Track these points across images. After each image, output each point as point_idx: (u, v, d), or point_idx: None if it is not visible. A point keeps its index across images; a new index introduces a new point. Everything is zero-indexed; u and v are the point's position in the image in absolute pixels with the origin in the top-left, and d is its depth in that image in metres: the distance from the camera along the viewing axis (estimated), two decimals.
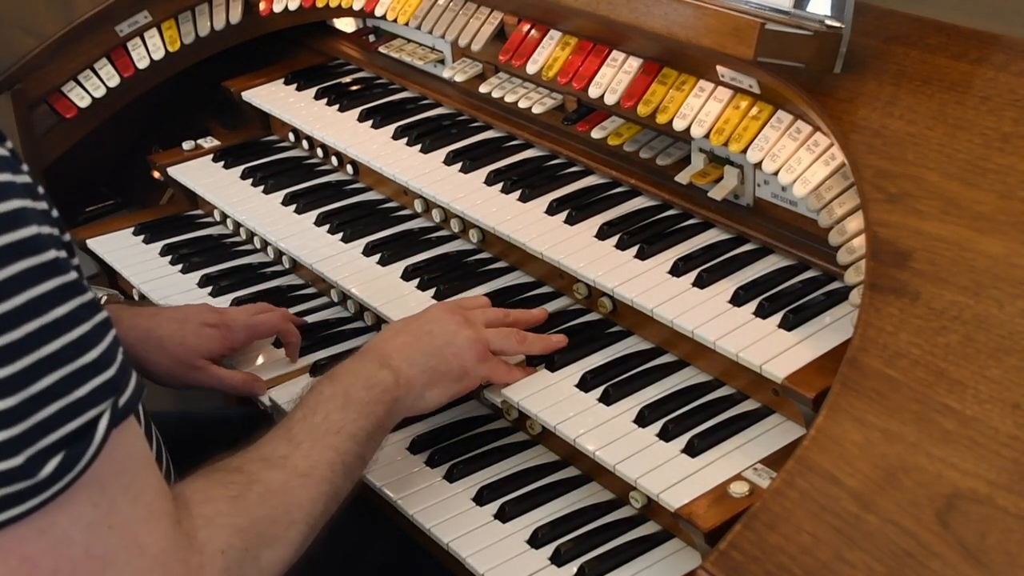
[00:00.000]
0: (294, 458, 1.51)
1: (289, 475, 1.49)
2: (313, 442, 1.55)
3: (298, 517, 1.47)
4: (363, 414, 1.61)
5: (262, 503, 1.44)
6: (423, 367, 1.72)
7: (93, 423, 1.18)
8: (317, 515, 1.50)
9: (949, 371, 1.40)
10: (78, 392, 1.17)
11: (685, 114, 1.90)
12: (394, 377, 1.68)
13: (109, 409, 1.20)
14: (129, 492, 1.25)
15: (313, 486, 1.50)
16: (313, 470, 1.51)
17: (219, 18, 2.70)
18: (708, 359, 1.80)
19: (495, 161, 2.23)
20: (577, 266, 1.92)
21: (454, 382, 1.77)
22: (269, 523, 1.43)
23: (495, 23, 2.24)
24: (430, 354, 1.74)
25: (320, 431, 1.56)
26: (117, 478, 1.23)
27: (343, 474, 1.55)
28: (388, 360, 1.70)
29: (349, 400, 1.62)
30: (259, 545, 1.41)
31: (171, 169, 2.58)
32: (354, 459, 1.58)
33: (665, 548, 1.68)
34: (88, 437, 1.18)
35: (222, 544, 1.36)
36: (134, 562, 1.24)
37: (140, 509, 1.26)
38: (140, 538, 1.25)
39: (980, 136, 1.59)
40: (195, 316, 2.02)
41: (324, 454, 1.54)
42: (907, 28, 1.77)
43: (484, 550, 1.68)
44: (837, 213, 1.69)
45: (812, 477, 1.39)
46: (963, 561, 1.26)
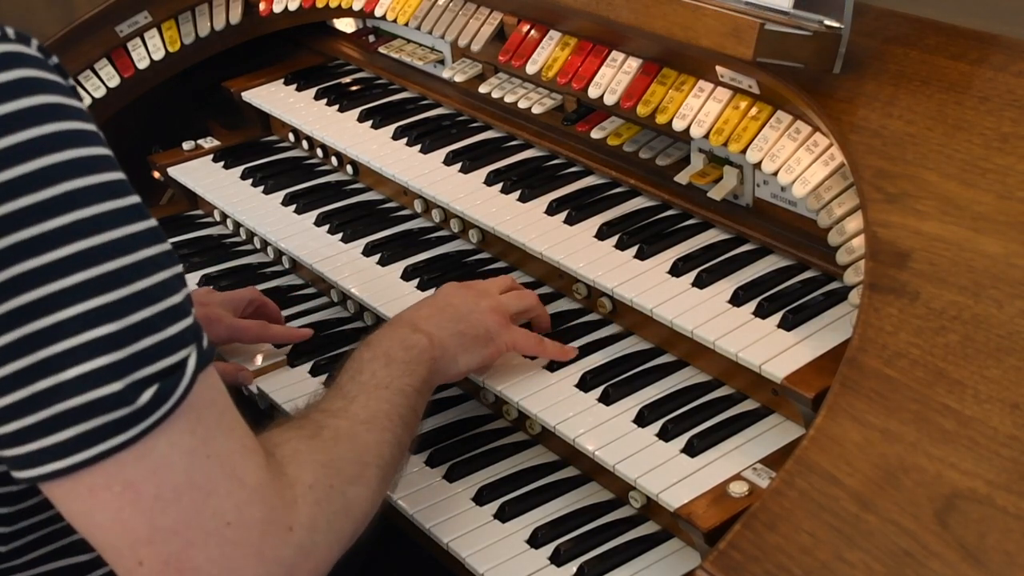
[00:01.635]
0: (352, 409, 1.54)
1: (352, 422, 1.52)
2: (367, 396, 1.58)
3: (370, 460, 1.49)
4: (407, 371, 1.65)
5: (336, 443, 1.46)
6: (452, 331, 1.76)
7: (183, 362, 1.22)
8: (386, 459, 1.52)
9: (948, 371, 1.40)
10: (170, 330, 1.21)
11: (684, 114, 1.90)
12: (428, 340, 1.72)
13: (195, 351, 1.24)
14: (223, 425, 1.28)
15: (377, 431, 1.53)
16: (373, 418, 1.54)
17: (219, 18, 2.70)
18: (707, 359, 1.80)
19: (495, 161, 2.23)
20: (577, 266, 1.93)
21: (482, 346, 1.80)
22: (347, 462, 1.45)
23: (495, 23, 2.24)
24: (456, 320, 1.78)
25: (370, 386, 1.60)
26: (211, 412, 1.26)
27: (400, 424, 1.58)
28: (419, 326, 1.74)
29: (391, 360, 1.65)
30: (343, 481, 1.42)
31: (171, 169, 2.58)
32: (407, 411, 1.61)
33: (664, 548, 1.68)
34: (179, 373, 1.22)
35: (310, 479, 1.37)
36: (235, 493, 1.25)
37: (235, 442, 1.28)
38: (238, 470, 1.26)
39: (979, 136, 1.59)
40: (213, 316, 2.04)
41: (379, 405, 1.57)
42: (906, 28, 1.77)
43: (484, 550, 1.69)
44: (836, 213, 1.69)
45: (811, 477, 1.39)
46: (962, 561, 1.26)
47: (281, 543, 1.29)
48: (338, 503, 1.39)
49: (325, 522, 1.36)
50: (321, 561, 1.35)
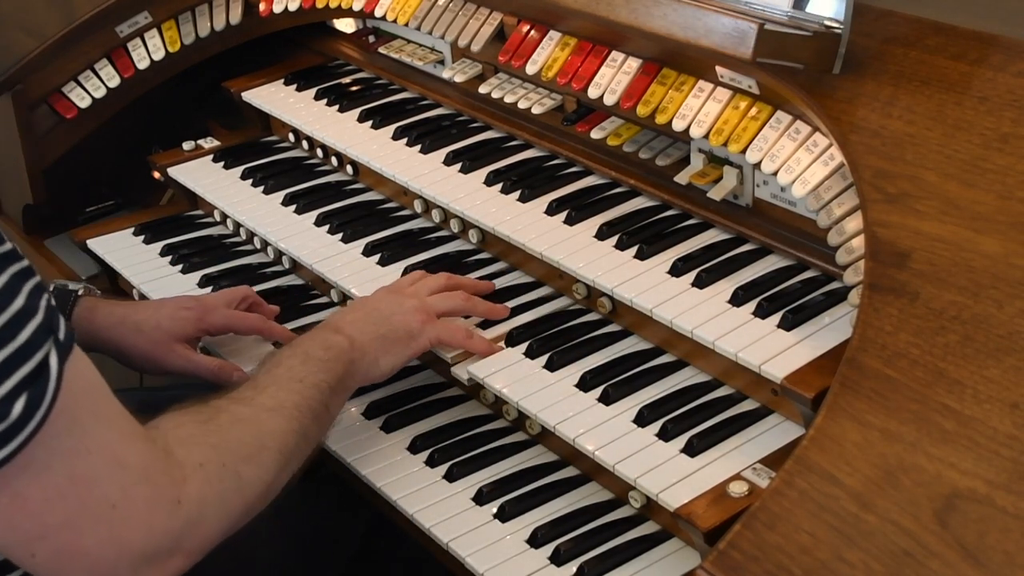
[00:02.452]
0: (260, 398, 1.60)
1: (256, 409, 1.58)
2: (278, 387, 1.63)
3: (270, 443, 1.54)
4: (323, 369, 1.70)
5: (232, 426, 1.52)
6: (374, 335, 1.82)
7: (44, 362, 1.25)
8: (289, 448, 1.57)
9: (948, 371, 1.40)
10: (21, 336, 1.23)
11: (684, 114, 1.90)
12: (348, 342, 1.77)
13: (53, 346, 1.26)
14: (99, 417, 1.33)
15: (281, 419, 1.58)
16: (280, 407, 1.60)
17: (219, 19, 2.70)
18: (707, 359, 1.80)
19: (495, 161, 2.23)
20: (576, 266, 1.93)
21: (404, 347, 1.86)
22: (241, 443, 1.51)
23: (495, 24, 2.24)
24: (379, 323, 1.85)
25: (284, 379, 1.65)
26: (84, 406, 1.31)
27: (310, 417, 1.63)
28: (341, 329, 1.81)
29: (309, 357, 1.71)
30: (236, 461, 1.48)
31: (171, 169, 2.58)
32: (319, 406, 1.66)
33: (664, 548, 1.68)
34: (44, 374, 1.24)
35: (199, 458, 1.43)
36: (118, 477, 1.32)
37: (113, 430, 1.34)
38: (120, 456, 1.33)
39: (979, 136, 1.59)
40: (172, 302, 2.06)
41: (289, 396, 1.63)
42: (906, 29, 1.77)
43: (483, 549, 1.69)
44: (836, 213, 1.69)
45: (811, 477, 1.39)
46: (962, 561, 1.26)
47: (169, 516, 1.37)
48: (230, 481, 1.46)
49: (216, 497, 1.43)
50: (210, 532, 1.43)
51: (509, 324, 1.96)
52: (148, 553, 1.35)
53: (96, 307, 2.00)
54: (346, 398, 1.78)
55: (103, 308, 2.00)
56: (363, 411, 1.97)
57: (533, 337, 1.91)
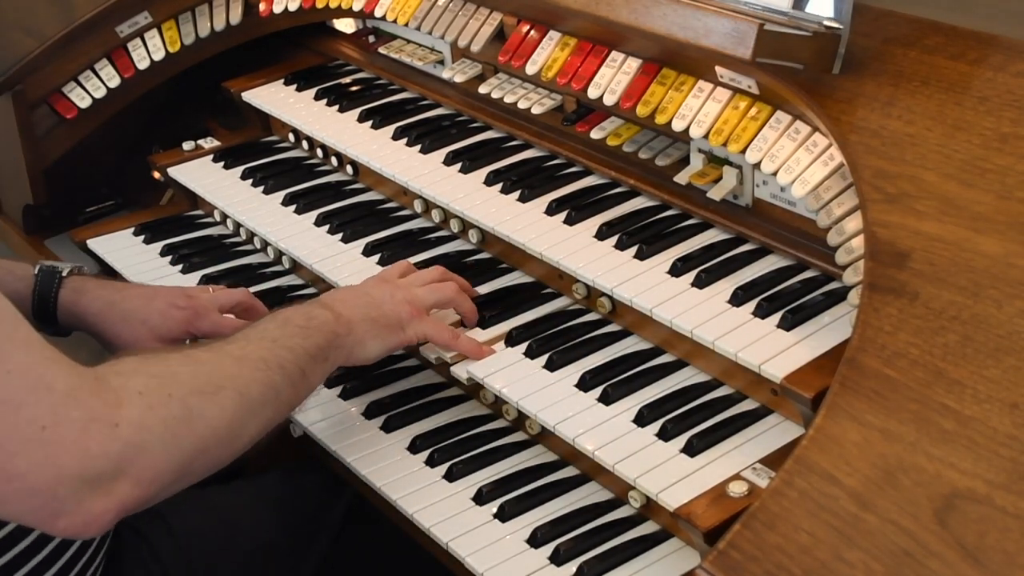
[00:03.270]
0: (226, 347, 1.60)
1: (219, 354, 1.57)
2: (247, 341, 1.63)
3: (228, 384, 1.52)
4: (300, 334, 1.69)
5: (183, 363, 1.51)
6: (363, 316, 1.82)
7: None
8: (254, 396, 1.55)
9: (948, 371, 1.40)
10: None
11: (684, 114, 1.90)
12: (334, 316, 1.77)
13: None
14: (16, 339, 1.33)
15: (246, 368, 1.57)
16: (246, 358, 1.59)
17: (219, 19, 2.70)
18: (707, 359, 1.80)
19: (495, 161, 2.23)
20: (576, 266, 1.93)
21: (391, 334, 1.85)
22: (192, 377, 1.49)
23: (494, 24, 2.24)
24: (369, 306, 1.85)
25: (255, 337, 1.65)
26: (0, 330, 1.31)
27: (280, 374, 1.61)
28: (328, 304, 1.80)
29: (287, 323, 1.70)
30: (185, 392, 1.46)
31: (171, 169, 2.58)
32: (292, 367, 1.64)
33: (664, 548, 1.68)
34: None
35: (138, 386, 1.41)
36: (45, 399, 1.32)
37: (34, 353, 1.34)
38: (45, 378, 1.33)
39: (978, 136, 1.59)
40: (165, 296, 2.03)
41: (258, 351, 1.61)
42: (905, 29, 1.77)
43: (483, 549, 1.69)
44: (836, 213, 1.69)
45: (811, 477, 1.39)
46: (962, 560, 1.26)
47: (107, 438, 1.35)
48: (177, 410, 1.44)
49: (160, 424, 1.41)
50: (158, 461, 1.40)
51: (509, 324, 1.96)
52: (87, 476, 1.34)
53: (84, 290, 1.97)
54: (327, 370, 1.76)
55: (91, 292, 1.98)
56: (363, 411, 1.97)
57: (533, 337, 1.92)
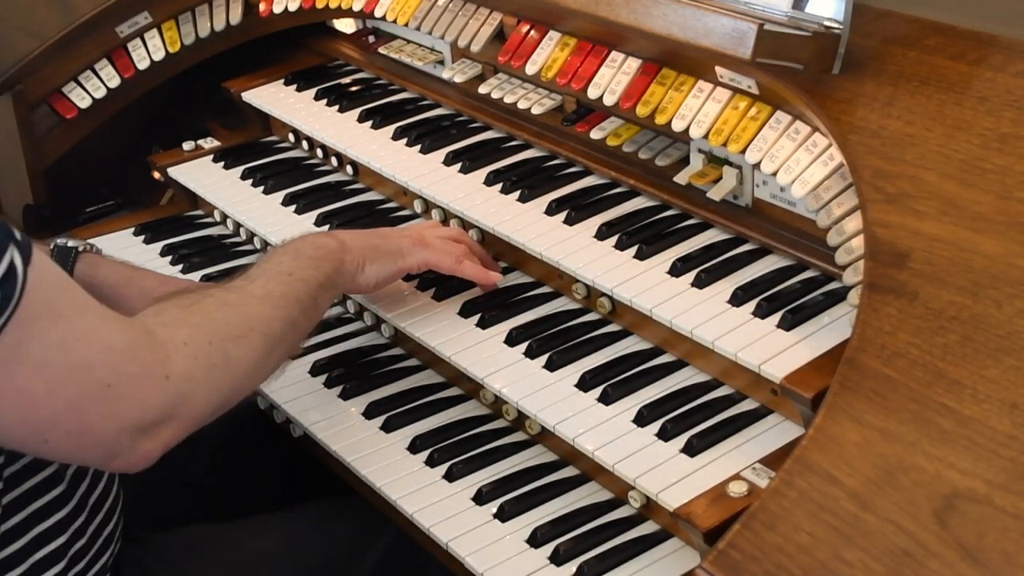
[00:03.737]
0: (249, 287, 1.69)
1: (245, 296, 1.67)
2: (267, 278, 1.72)
3: (256, 326, 1.63)
4: (312, 266, 1.79)
5: (217, 308, 1.61)
6: (364, 244, 1.92)
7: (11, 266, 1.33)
8: (276, 333, 1.66)
9: (947, 371, 1.41)
10: None
11: (684, 115, 1.90)
12: (339, 244, 1.87)
13: (13, 247, 1.34)
14: (77, 307, 1.42)
15: (269, 306, 1.67)
16: (268, 296, 1.68)
17: (219, 19, 2.70)
18: (707, 359, 1.80)
19: (494, 161, 2.23)
20: (576, 266, 1.93)
21: (391, 261, 1.95)
22: (228, 323, 1.59)
23: (494, 24, 2.24)
24: (372, 235, 1.97)
25: (273, 272, 1.74)
26: (62, 298, 1.40)
27: (297, 307, 1.71)
28: (335, 234, 1.92)
29: (299, 254, 1.80)
30: (222, 339, 1.57)
31: (171, 170, 2.58)
32: (306, 298, 1.75)
33: (664, 547, 1.68)
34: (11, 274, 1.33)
35: (183, 337, 1.52)
36: (108, 359, 1.42)
37: (92, 316, 1.43)
38: (105, 338, 1.43)
39: (978, 137, 1.59)
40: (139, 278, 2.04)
41: (278, 287, 1.71)
42: (905, 29, 1.77)
43: (483, 549, 1.69)
44: (836, 213, 1.69)
45: (811, 477, 1.39)
46: (961, 560, 1.26)
47: (159, 390, 1.47)
48: (217, 357, 1.55)
49: (203, 372, 1.52)
50: (201, 404, 1.53)
51: (509, 324, 1.96)
52: (143, 425, 1.46)
53: (100, 264, 2.01)
54: (333, 296, 1.87)
55: (107, 266, 2.01)
56: (363, 411, 1.97)
57: (533, 337, 1.92)
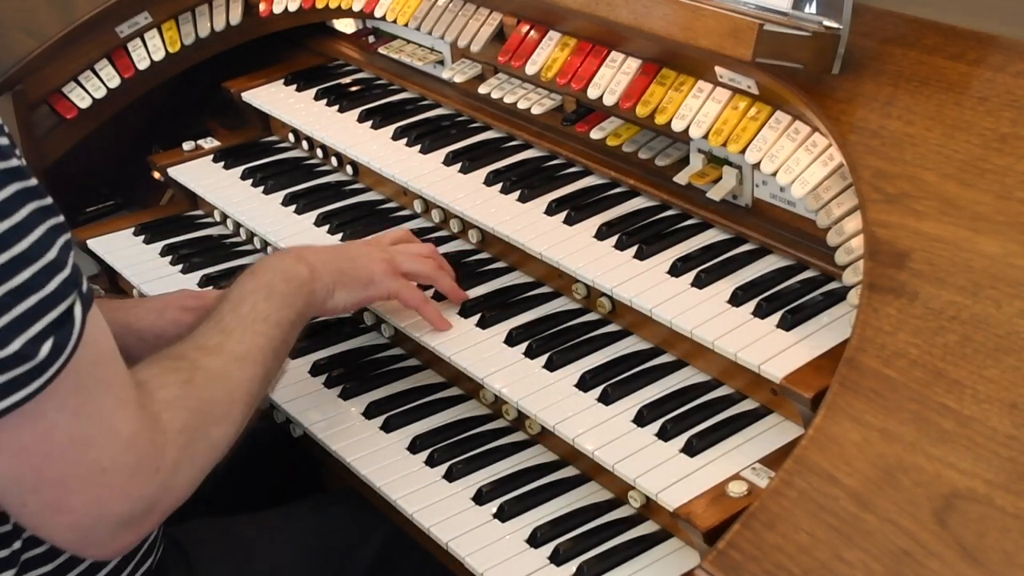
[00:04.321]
0: (228, 344, 1.65)
1: (226, 360, 1.63)
2: (244, 329, 1.68)
3: (238, 397, 1.61)
4: (285, 304, 1.75)
5: (208, 386, 1.57)
6: (334, 268, 1.88)
7: (70, 310, 1.31)
8: (254, 393, 1.65)
9: (947, 371, 1.41)
10: (49, 286, 1.29)
11: (684, 115, 1.90)
12: (309, 271, 1.83)
13: (78, 298, 1.33)
14: (102, 382, 1.38)
15: (249, 368, 1.65)
16: (247, 354, 1.66)
17: (219, 19, 2.70)
18: (707, 359, 1.80)
19: (494, 161, 2.23)
20: (576, 266, 1.93)
21: (361, 288, 1.91)
22: (215, 403, 1.56)
23: (494, 24, 2.24)
24: (342, 259, 1.92)
25: (249, 320, 1.70)
26: (91, 369, 1.36)
27: (272, 357, 1.70)
28: (304, 257, 1.86)
29: (272, 292, 1.75)
30: (208, 423, 1.54)
31: (171, 170, 2.58)
32: (279, 344, 1.73)
33: (664, 547, 1.68)
34: (69, 322, 1.31)
35: (180, 425, 1.48)
36: (111, 444, 1.38)
37: (111, 397, 1.39)
38: (115, 423, 1.39)
39: (978, 137, 1.59)
40: (175, 302, 2.03)
41: (255, 339, 1.68)
42: (905, 29, 1.77)
43: (483, 549, 1.69)
44: (835, 213, 1.69)
45: (810, 477, 1.39)
46: (961, 560, 1.27)
47: (147, 483, 1.43)
48: (202, 443, 1.53)
49: (189, 461, 1.49)
50: (180, 493, 1.50)
51: (509, 324, 1.96)
52: (125, 518, 1.42)
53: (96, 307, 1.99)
54: (302, 327, 1.82)
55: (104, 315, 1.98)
56: (363, 411, 1.97)
57: (533, 337, 1.92)
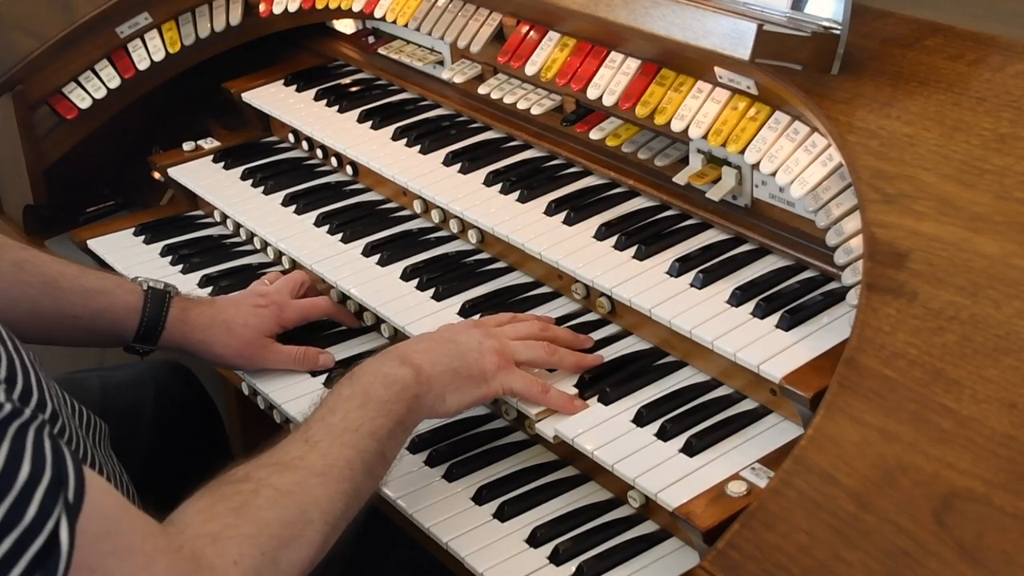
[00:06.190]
0: (310, 458, 1.50)
1: (304, 475, 1.48)
2: (331, 441, 1.53)
3: (315, 516, 1.45)
4: (382, 412, 1.60)
5: (272, 506, 1.42)
6: (444, 368, 1.71)
7: (54, 535, 1.17)
8: (337, 514, 1.49)
9: (946, 371, 1.41)
10: (27, 517, 1.15)
11: (683, 115, 1.90)
12: (414, 374, 1.66)
13: (63, 512, 1.18)
14: (119, 553, 1.25)
15: (332, 484, 1.49)
16: (331, 468, 1.50)
17: (219, 20, 2.70)
18: (706, 359, 1.81)
19: (494, 162, 2.24)
20: (575, 266, 1.93)
21: (475, 387, 1.74)
22: (282, 525, 1.42)
23: (494, 24, 2.24)
24: (452, 356, 1.73)
25: (338, 430, 1.55)
26: (102, 550, 1.23)
27: (363, 472, 1.54)
28: (409, 359, 1.69)
29: (368, 398, 1.60)
30: (276, 548, 1.39)
31: (171, 170, 2.58)
32: (374, 456, 1.57)
33: (663, 547, 1.68)
34: (55, 549, 1.17)
35: (234, 555, 1.35)
36: None
37: (133, 561, 1.26)
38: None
39: (977, 137, 1.59)
40: (244, 300, 2.07)
41: (342, 452, 1.53)
42: (904, 29, 1.77)
43: (483, 549, 1.69)
44: (834, 214, 1.70)
45: (809, 477, 1.40)
46: (960, 560, 1.27)
47: None
48: (268, 570, 1.38)
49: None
50: None
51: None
52: None
53: (187, 308, 2.01)
54: (405, 440, 1.67)
55: (193, 310, 2.01)
56: None
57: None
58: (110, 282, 2.02)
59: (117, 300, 1.97)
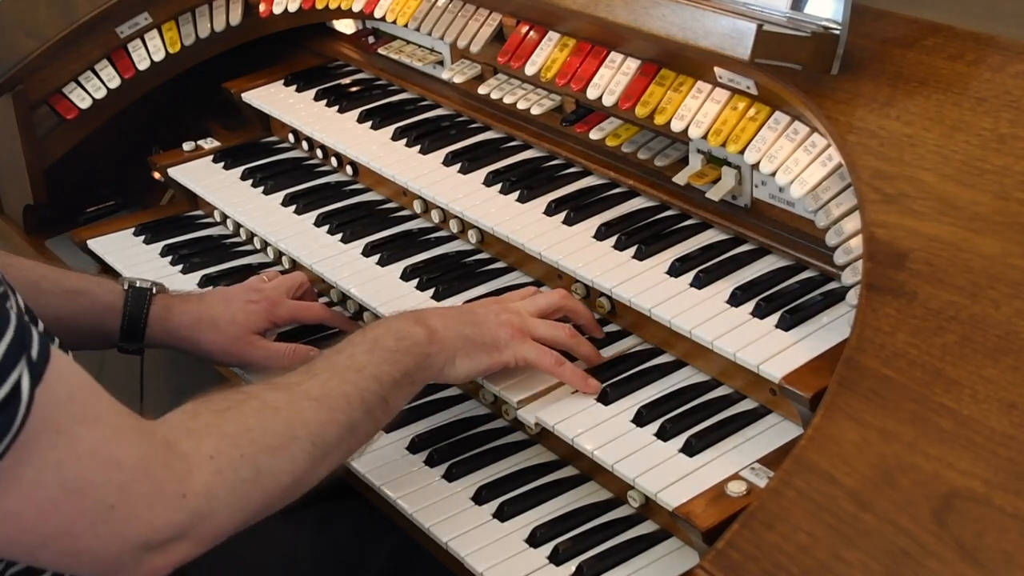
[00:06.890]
0: (307, 384, 1.53)
1: (297, 396, 1.51)
2: (332, 374, 1.56)
3: (301, 434, 1.48)
4: (388, 360, 1.62)
5: (256, 415, 1.46)
6: (458, 333, 1.72)
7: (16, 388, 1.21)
8: (328, 440, 1.51)
9: (946, 371, 1.41)
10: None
11: (683, 115, 1.90)
12: (427, 334, 1.68)
13: (26, 367, 1.22)
14: (86, 420, 1.29)
15: (324, 411, 1.52)
16: (326, 397, 1.53)
17: (219, 20, 2.70)
18: (706, 359, 1.81)
19: (494, 162, 2.24)
20: (575, 266, 1.93)
21: (487, 355, 1.75)
22: (264, 433, 1.45)
23: (494, 25, 2.24)
24: (468, 324, 1.75)
25: (341, 367, 1.58)
26: (68, 413, 1.27)
27: (361, 409, 1.56)
28: (424, 320, 1.71)
29: (377, 346, 1.63)
30: (256, 452, 1.43)
31: (171, 170, 2.58)
32: (375, 398, 1.58)
33: (663, 547, 1.68)
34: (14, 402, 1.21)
35: (209, 450, 1.38)
36: (114, 478, 1.29)
37: (102, 430, 1.30)
38: (113, 455, 1.30)
39: (977, 137, 1.59)
40: (237, 295, 2.06)
41: (341, 385, 1.55)
42: (904, 29, 1.77)
43: (483, 549, 1.69)
44: (834, 214, 1.70)
45: (809, 476, 1.40)
46: (960, 560, 1.27)
47: (172, 510, 1.33)
48: (247, 471, 1.41)
49: (228, 489, 1.39)
50: (222, 523, 1.39)
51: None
52: (151, 544, 1.33)
53: (171, 306, 2.00)
54: (412, 393, 1.68)
55: (177, 307, 2.01)
56: None
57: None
58: (90, 283, 2.02)
59: (98, 300, 1.97)
